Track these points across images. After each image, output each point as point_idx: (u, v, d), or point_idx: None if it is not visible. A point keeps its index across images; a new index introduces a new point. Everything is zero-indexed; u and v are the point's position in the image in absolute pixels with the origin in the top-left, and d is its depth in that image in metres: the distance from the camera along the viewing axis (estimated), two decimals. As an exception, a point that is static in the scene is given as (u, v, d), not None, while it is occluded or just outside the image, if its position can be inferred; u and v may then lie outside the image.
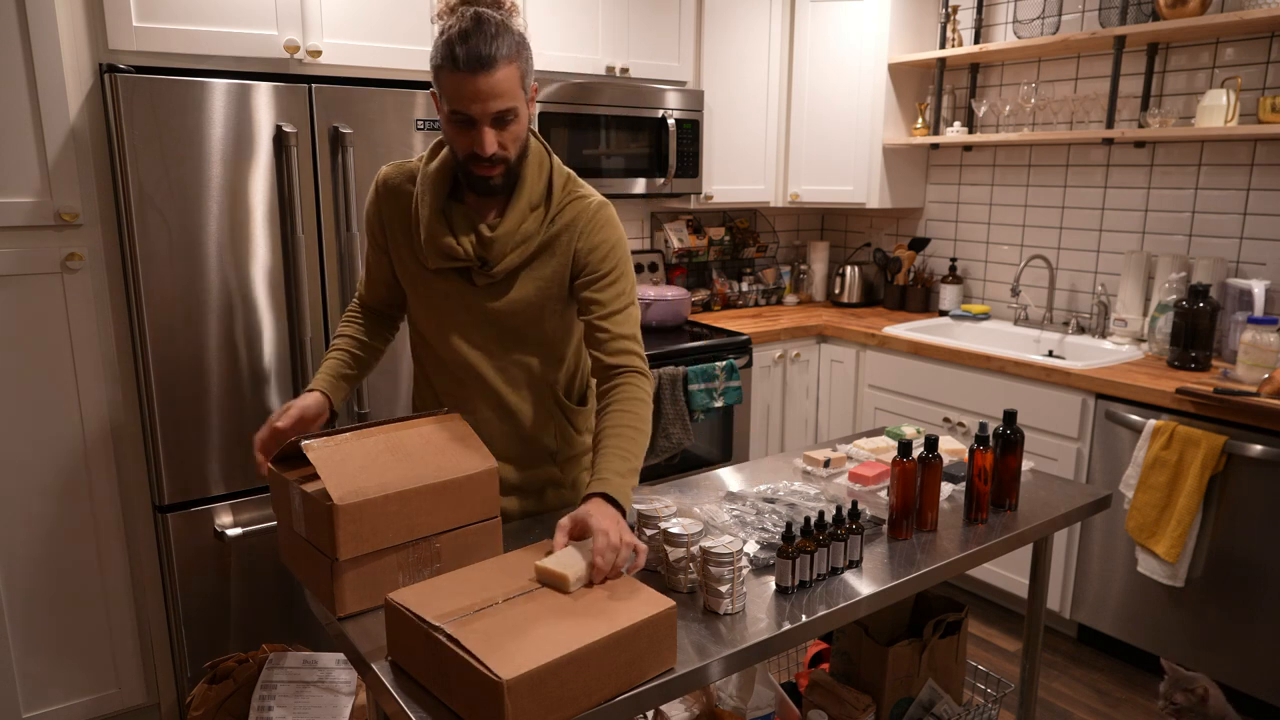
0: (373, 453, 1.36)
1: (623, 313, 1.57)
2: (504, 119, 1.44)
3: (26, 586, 2.26)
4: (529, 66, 1.47)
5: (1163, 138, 2.95)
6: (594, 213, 1.57)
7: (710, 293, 3.94)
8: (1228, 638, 2.51)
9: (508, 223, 1.52)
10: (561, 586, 1.20)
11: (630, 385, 1.53)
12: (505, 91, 1.41)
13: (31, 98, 2.09)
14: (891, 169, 3.76)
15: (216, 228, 2.24)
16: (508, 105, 1.43)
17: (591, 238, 1.56)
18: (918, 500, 1.63)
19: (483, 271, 1.55)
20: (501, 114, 1.43)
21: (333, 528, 1.26)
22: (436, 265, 1.55)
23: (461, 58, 1.37)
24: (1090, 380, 2.74)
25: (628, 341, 1.56)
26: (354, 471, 1.31)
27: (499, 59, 1.39)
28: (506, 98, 1.42)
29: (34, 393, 2.20)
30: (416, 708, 1.12)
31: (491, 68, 1.38)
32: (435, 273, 1.59)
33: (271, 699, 1.98)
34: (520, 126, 1.48)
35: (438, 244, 1.53)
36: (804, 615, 1.34)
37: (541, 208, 1.55)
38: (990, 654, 2.90)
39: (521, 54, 1.44)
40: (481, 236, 1.52)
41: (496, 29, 1.39)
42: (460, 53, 1.37)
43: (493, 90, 1.40)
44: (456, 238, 1.52)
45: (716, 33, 3.46)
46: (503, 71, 1.40)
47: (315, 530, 1.32)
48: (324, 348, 2.44)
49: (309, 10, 2.35)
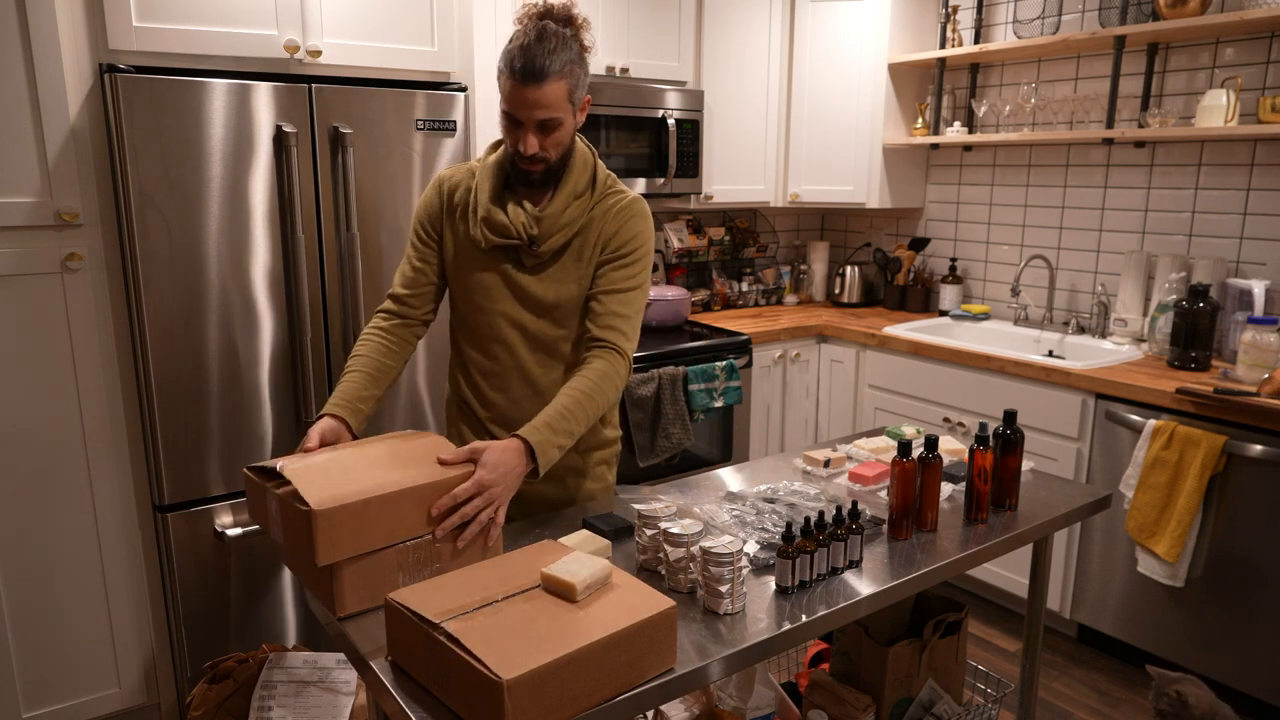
0: (346, 464, 1.36)
1: (625, 294, 1.67)
2: (547, 126, 1.57)
3: (27, 586, 2.26)
4: (581, 82, 1.60)
5: (1163, 138, 2.95)
6: (627, 204, 1.70)
7: (710, 293, 3.94)
8: (1228, 638, 2.51)
9: (555, 204, 1.65)
10: (568, 595, 1.19)
11: (603, 360, 1.62)
12: (551, 104, 1.55)
13: (31, 98, 2.09)
14: (891, 169, 3.76)
15: (216, 228, 2.24)
16: (551, 115, 1.56)
17: (618, 224, 1.68)
18: (918, 500, 1.63)
19: (530, 250, 1.66)
20: (545, 122, 1.56)
21: (311, 534, 1.23)
22: (490, 244, 1.67)
23: (518, 68, 1.52)
24: (1090, 380, 2.74)
25: (618, 320, 1.65)
26: (334, 480, 1.30)
27: (549, 74, 1.52)
28: (552, 109, 1.55)
29: (34, 393, 2.20)
30: (416, 708, 1.12)
31: (542, 81, 1.52)
32: (486, 253, 1.70)
33: (271, 699, 1.98)
34: (564, 134, 1.61)
35: (493, 222, 1.65)
36: (804, 615, 1.34)
37: (586, 195, 1.68)
38: (990, 654, 2.90)
39: (574, 71, 1.56)
40: (533, 216, 1.64)
41: (555, 45, 1.52)
42: (518, 63, 1.51)
43: (539, 101, 1.53)
44: (509, 216, 1.64)
45: (716, 33, 3.46)
46: (551, 86, 1.53)
47: (293, 537, 1.30)
48: (324, 348, 2.45)
49: (309, 10, 2.35)
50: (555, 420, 1.51)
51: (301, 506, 1.24)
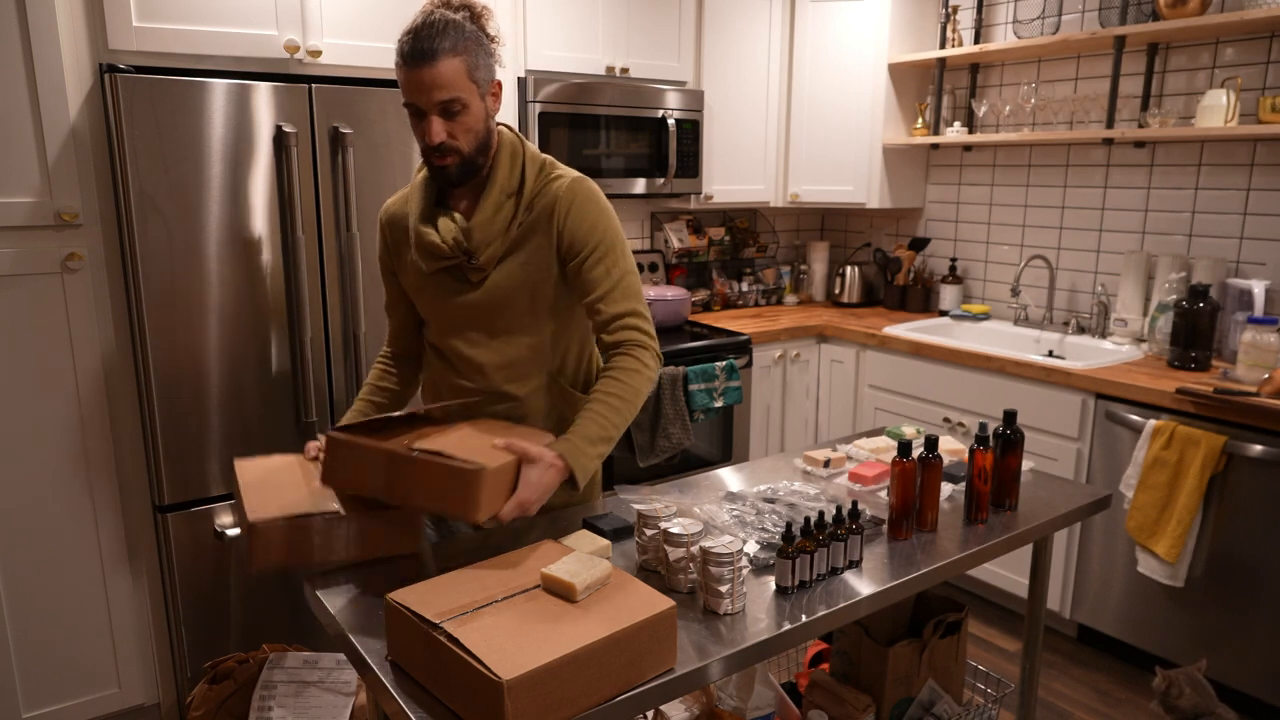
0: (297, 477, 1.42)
1: (616, 289, 1.59)
2: (450, 110, 1.49)
3: (27, 586, 2.26)
4: (481, 61, 1.52)
5: (1163, 138, 2.95)
6: (571, 190, 1.59)
7: (710, 293, 3.94)
8: (1228, 638, 2.51)
9: (481, 212, 1.57)
10: (568, 595, 1.19)
11: (627, 355, 1.58)
12: (448, 83, 1.47)
13: (31, 98, 2.09)
14: (891, 169, 3.76)
15: (216, 228, 2.24)
16: (451, 95, 1.48)
17: (571, 216, 1.58)
18: (918, 500, 1.63)
19: (471, 265, 1.59)
20: (446, 104, 1.48)
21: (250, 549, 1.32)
22: (431, 267, 1.61)
23: (407, 52, 1.46)
24: (1090, 380, 2.74)
25: (627, 318, 1.59)
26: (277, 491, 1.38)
27: (440, 52, 1.45)
28: (449, 89, 1.47)
29: (34, 393, 2.20)
30: (416, 708, 1.12)
31: (433, 60, 1.45)
32: (432, 276, 1.63)
33: (271, 699, 1.98)
34: (472, 119, 1.52)
35: (424, 243, 1.59)
36: (804, 615, 1.34)
37: (516, 195, 1.59)
38: (990, 654, 2.90)
39: (469, 48, 1.49)
40: (462, 229, 1.57)
41: (444, 26, 1.46)
42: (406, 47, 1.46)
43: (434, 81, 1.46)
44: (440, 234, 1.58)
45: (716, 33, 3.46)
46: (445, 63, 1.46)
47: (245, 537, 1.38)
48: (324, 348, 2.45)
49: (309, 10, 2.35)
50: (593, 433, 1.50)
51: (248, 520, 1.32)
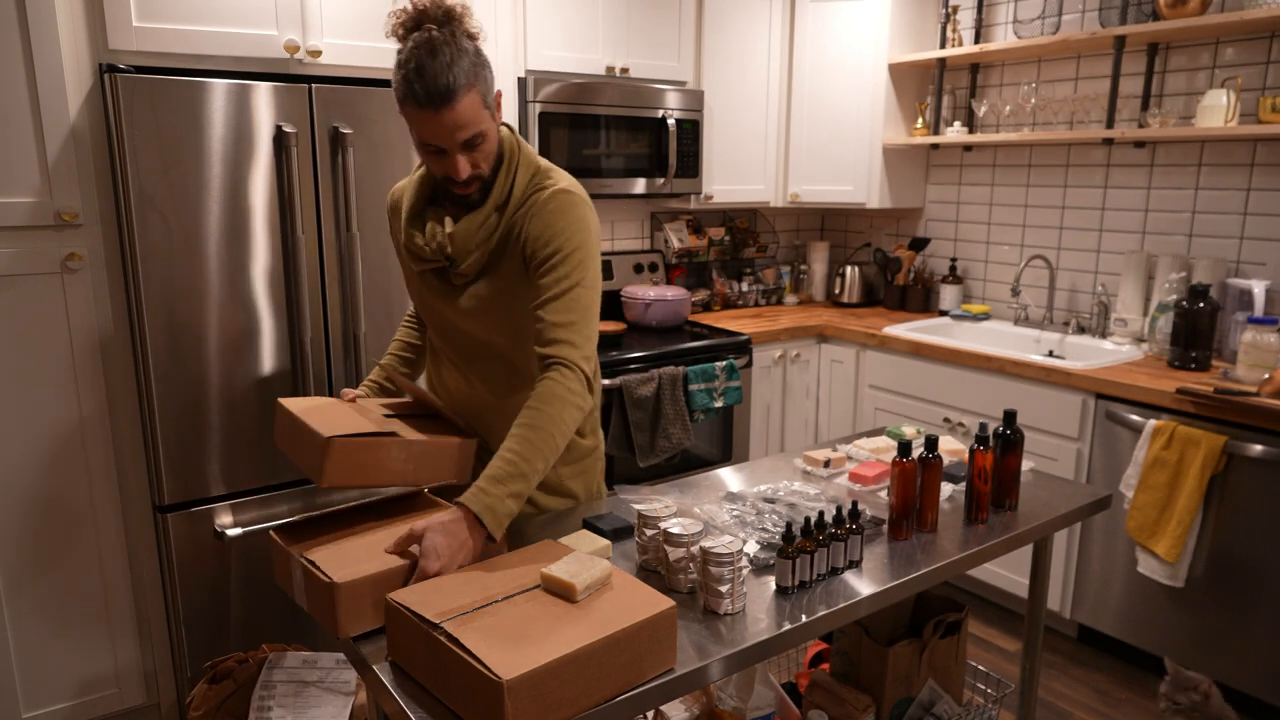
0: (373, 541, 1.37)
1: (560, 299, 1.47)
2: (472, 144, 1.44)
3: (27, 586, 2.26)
4: (489, 84, 1.45)
5: (1163, 138, 2.95)
6: (545, 200, 1.51)
7: (710, 293, 3.94)
8: (1228, 638, 2.51)
9: (465, 221, 1.53)
10: (568, 595, 1.19)
11: (548, 380, 1.44)
12: (470, 120, 1.41)
13: (31, 98, 2.09)
14: (891, 169, 3.76)
15: (216, 228, 2.24)
16: (475, 131, 1.43)
17: (535, 224, 1.50)
18: (918, 500, 1.63)
19: (454, 270, 1.57)
20: (470, 140, 1.43)
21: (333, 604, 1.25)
22: (418, 267, 1.61)
23: (421, 94, 1.37)
24: (1090, 380, 2.74)
25: (560, 330, 1.46)
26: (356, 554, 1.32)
27: (458, 89, 1.37)
28: (471, 125, 1.42)
29: (34, 393, 2.20)
30: (416, 708, 1.12)
31: (452, 100, 1.37)
32: (421, 275, 1.63)
33: (271, 699, 1.98)
34: (490, 144, 1.48)
35: (411, 245, 1.58)
36: (804, 615, 1.34)
37: (502, 205, 1.54)
38: (990, 654, 2.90)
39: (480, 75, 1.41)
40: (445, 235, 1.54)
41: (452, 56, 1.36)
42: (419, 89, 1.36)
43: (456, 122, 1.39)
44: (425, 238, 1.56)
45: (716, 33, 3.46)
46: (464, 101, 1.39)
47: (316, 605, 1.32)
48: (324, 347, 2.44)
49: (309, 10, 2.35)
50: (501, 472, 1.35)
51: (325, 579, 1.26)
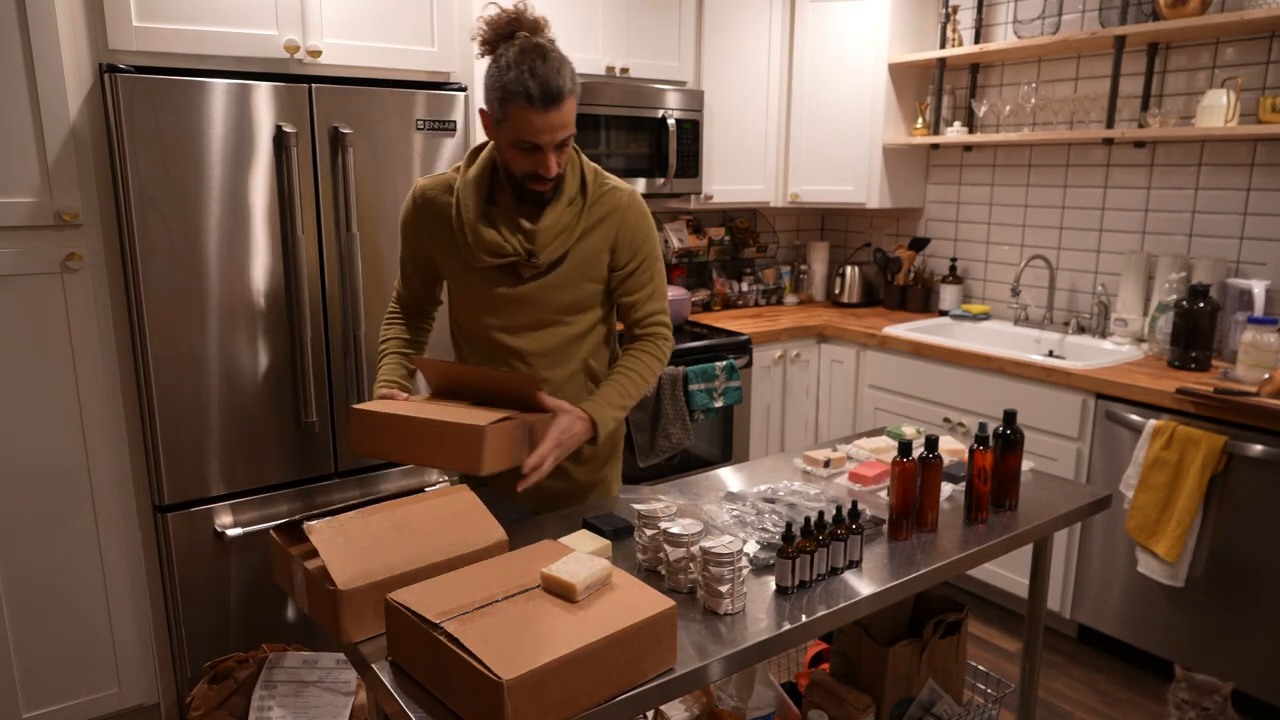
0: (378, 532, 1.35)
1: (655, 292, 1.78)
2: (564, 144, 1.59)
3: (27, 586, 2.26)
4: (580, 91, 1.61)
5: (1163, 138, 2.95)
6: (631, 204, 1.73)
7: (710, 293, 3.94)
8: (1228, 638, 2.51)
9: (549, 217, 1.65)
10: (568, 595, 1.19)
11: (652, 342, 1.78)
12: (569, 121, 1.56)
13: (31, 98, 2.09)
14: (891, 169, 3.76)
15: (216, 228, 2.24)
16: (570, 132, 1.58)
17: (631, 228, 1.73)
18: (918, 500, 1.63)
19: (528, 263, 1.67)
20: (564, 140, 1.58)
21: (336, 610, 1.24)
22: (486, 263, 1.67)
23: (537, 94, 1.50)
24: (1090, 380, 2.74)
25: (657, 314, 1.79)
26: (359, 552, 1.30)
27: (565, 93, 1.52)
28: (569, 126, 1.57)
29: (34, 393, 2.20)
30: (416, 708, 1.12)
31: (560, 102, 1.52)
32: (483, 271, 1.70)
33: (271, 699, 1.98)
34: (569, 145, 1.63)
35: (486, 243, 1.65)
36: (804, 615, 1.34)
37: (578, 199, 1.69)
38: (990, 654, 2.90)
39: (577, 82, 1.57)
40: (525, 231, 1.64)
41: (559, 61, 1.52)
42: (535, 89, 1.50)
43: (561, 121, 1.54)
44: (503, 235, 1.64)
45: (716, 33, 3.46)
46: (568, 103, 1.54)
47: (317, 609, 1.31)
48: (324, 348, 2.44)
49: (309, 10, 2.35)
50: (613, 395, 1.70)
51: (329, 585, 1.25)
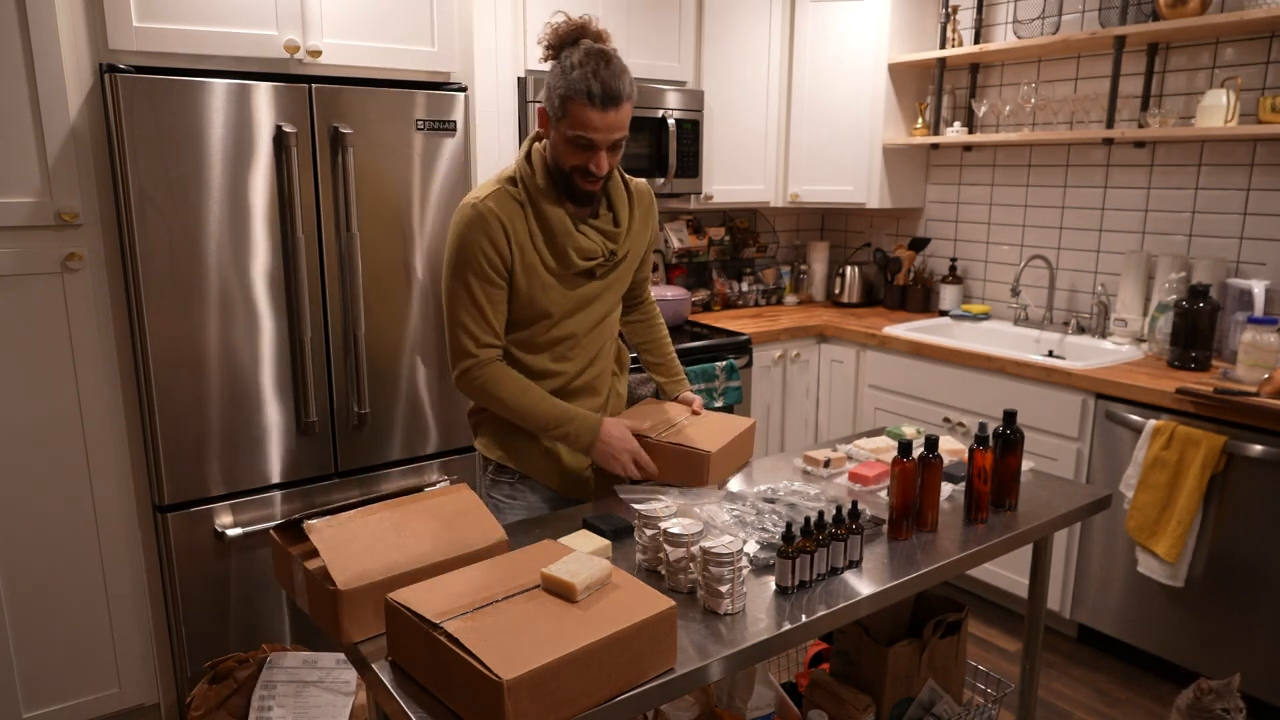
0: (378, 532, 1.35)
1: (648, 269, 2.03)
2: (618, 145, 1.68)
3: (27, 586, 2.26)
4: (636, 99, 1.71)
5: (1163, 138, 2.95)
6: (652, 195, 1.93)
7: (710, 293, 3.94)
8: (1228, 638, 2.51)
9: (628, 218, 1.82)
10: (568, 595, 1.19)
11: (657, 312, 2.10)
12: (626, 122, 1.65)
13: (31, 98, 2.09)
14: (891, 169, 3.76)
15: (216, 228, 2.24)
16: (624, 133, 1.67)
17: (656, 216, 1.94)
18: (918, 500, 1.63)
19: (608, 261, 1.79)
20: (619, 141, 1.67)
21: (336, 611, 1.24)
22: (576, 268, 1.75)
23: (599, 94, 1.59)
24: (1090, 380, 2.74)
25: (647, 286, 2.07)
26: (359, 552, 1.30)
27: (625, 95, 1.62)
28: (625, 127, 1.66)
29: (34, 393, 2.20)
30: (416, 708, 1.12)
31: (620, 103, 1.62)
32: (564, 276, 1.76)
33: (271, 699, 1.98)
34: (621, 148, 1.71)
35: (582, 248, 1.74)
36: (804, 615, 1.34)
37: (626, 197, 1.83)
38: (990, 654, 2.90)
39: (635, 90, 1.67)
40: (608, 233, 1.78)
41: (620, 67, 1.62)
42: (598, 90, 1.59)
43: (619, 122, 1.64)
44: (591, 239, 1.75)
45: (716, 33, 3.46)
46: (627, 107, 1.64)
47: (317, 608, 1.31)
48: (324, 348, 2.44)
49: (309, 10, 2.35)
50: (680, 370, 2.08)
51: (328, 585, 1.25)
